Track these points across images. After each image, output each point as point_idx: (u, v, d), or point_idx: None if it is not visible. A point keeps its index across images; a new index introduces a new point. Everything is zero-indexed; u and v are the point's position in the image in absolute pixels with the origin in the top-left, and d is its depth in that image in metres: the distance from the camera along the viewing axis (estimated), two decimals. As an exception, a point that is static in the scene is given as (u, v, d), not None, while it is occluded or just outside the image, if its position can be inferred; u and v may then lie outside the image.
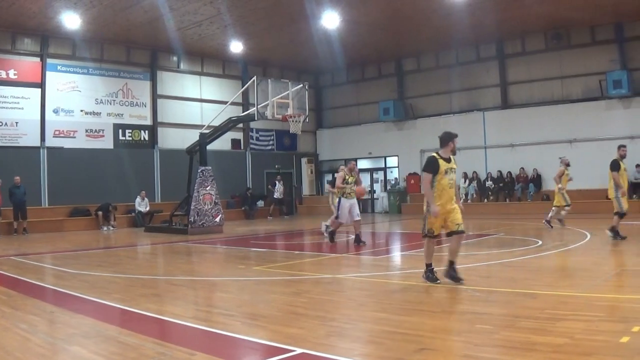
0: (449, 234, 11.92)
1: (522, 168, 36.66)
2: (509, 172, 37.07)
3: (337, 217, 20.67)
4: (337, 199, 20.69)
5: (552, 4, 30.20)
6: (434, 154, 12.11)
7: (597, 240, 19.40)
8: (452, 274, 11.54)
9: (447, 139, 12.32)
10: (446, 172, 11.77)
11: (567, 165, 23.51)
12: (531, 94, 37.47)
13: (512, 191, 36.60)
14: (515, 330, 7.92)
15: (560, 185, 23.01)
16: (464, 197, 37.13)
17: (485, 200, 37.27)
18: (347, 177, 20.52)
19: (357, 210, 20.44)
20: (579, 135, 34.71)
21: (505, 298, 10.35)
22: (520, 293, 10.25)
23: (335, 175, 21.86)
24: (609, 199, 19.47)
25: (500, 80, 38.61)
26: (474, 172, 38.08)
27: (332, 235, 21.30)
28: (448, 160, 12.00)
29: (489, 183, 37.40)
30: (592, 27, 34.97)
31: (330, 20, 30.47)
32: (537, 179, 35.66)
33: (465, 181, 37.73)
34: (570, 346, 7.01)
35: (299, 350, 7.09)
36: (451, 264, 11.63)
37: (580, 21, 33.78)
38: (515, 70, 38.32)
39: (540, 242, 18.89)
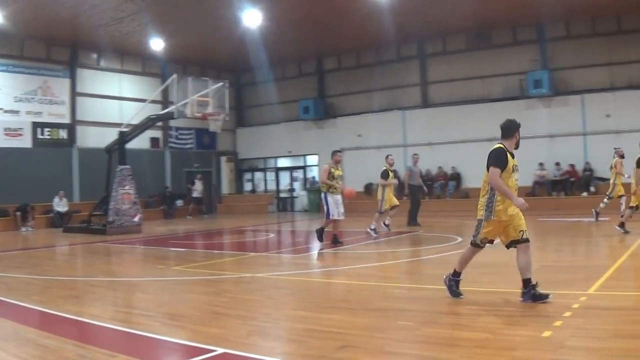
0: (510, 245, 9.71)
1: (440, 167, 37.03)
2: (428, 170, 37.31)
3: (327, 217, 19.04)
4: (323, 194, 19.01)
5: (473, 4, 30.47)
6: (501, 145, 9.99)
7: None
8: (534, 293, 9.07)
9: (512, 128, 10.29)
10: (513, 170, 9.78)
11: (622, 156, 23.08)
12: (451, 93, 37.84)
13: (432, 189, 36.81)
14: (438, 326, 8.00)
15: (627, 175, 22.71)
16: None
17: (405, 198, 37.43)
18: (332, 170, 18.85)
19: (342, 208, 19.11)
20: (498, 134, 34.94)
21: (426, 294, 10.40)
22: (441, 289, 10.26)
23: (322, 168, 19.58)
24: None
25: (420, 80, 38.87)
26: (394, 170, 38.06)
27: (320, 233, 19.16)
28: (512, 156, 9.92)
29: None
30: (514, 27, 35.50)
31: (252, 18, 30.28)
32: (457, 177, 35.99)
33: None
34: (493, 341, 7.10)
35: (220, 350, 7.01)
36: (528, 282, 9.19)
37: (501, 22, 34.22)
38: (435, 70, 38.65)
39: (460, 239, 19.01)
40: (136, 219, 27.71)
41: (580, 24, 34.02)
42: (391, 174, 21.99)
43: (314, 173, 43.20)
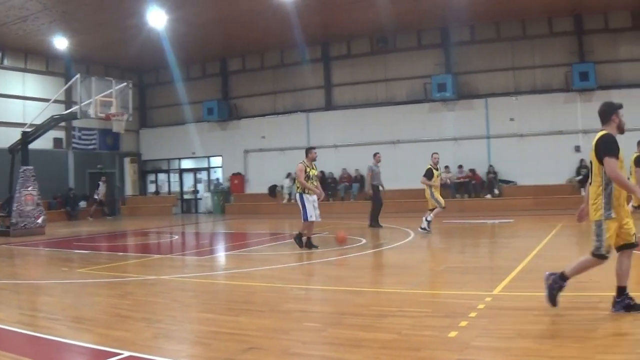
0: (620, 248, 8.35)
1: (345, 169, 37.18)
2: (331, 173, 37.49)
3: (305, 220, 17.54)
4: (299, 195, 17.75)
5: (377, 8, 30.67)
6: (608, 132, 8.54)
7: (421, 238, 19.88)
8: (629, 303, 8.18)
9: (608, 110, 8.71)
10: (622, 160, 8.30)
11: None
12: (355, 96, 38.15)
13: (336, 191, 36.95)
14: (343, 327, 8.04)
15: None
16: (287, 196, 37.41)
17: (368, 198, 37.57)
18: (308, 169, 17.79)
19: (319, 210, 17.99)
20: (402, 137, 35.54)
21: (331, 296, 10.46)
22: (346, 291, 10.35)
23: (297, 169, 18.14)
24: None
25: (324, 82, 39.07)
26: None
27: (304, 240, 17.66)
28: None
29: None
30: (419, 31, 36.00)
31: (157, 18, 30.03)
32: (360, 179, 36.19)
33: (289, 181, 37.90)
34: (399, 342, 7.17)
35: (126, 354, 6.94)
36: (623, 290, 8.27)
37: (406, 26, 34.57)
38: (340, 73, 38.94)
39: (364, 241, 19.19)
40: (39, 220, 27.19)
41: (485, 28, 34.74)
42: (436, 173, 21.51)
43: (217, 174, 43.10)
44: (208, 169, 44.28)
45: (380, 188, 24.81)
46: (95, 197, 40.02)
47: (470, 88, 35.70)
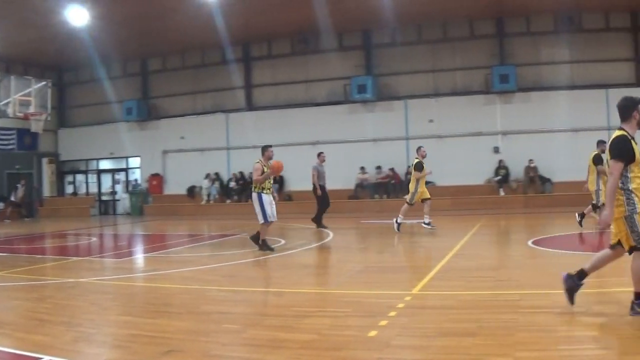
0: (631, 250, 7.70)
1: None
2: (251, 174, 37.37)
3: (264, 221, 16.78)
4: (256, 195, 16.89)
5: (299, 9, 30.75)
6: (622, 131, 8.00)
7: (340, 238, 19.95)
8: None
9: (628, 105, 8.15)
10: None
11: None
12: (276, 96, 38.11)
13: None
14: (263, 328, 8.05)
15: None
16: (206, 197, 37.29)
17: (229, 201, 37.42)
18: (265, 168, 16.98)
19: (275, 209, 17.28)
20: (322, 138, 35.58)
21: (250, 297, 10.45)
22: (265, 292, 10.38)
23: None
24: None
25: (245, 83, 38.95)
26: (217, 172, 38.27)
27: (263, 244, 16.86)
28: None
29: (232, 184, 37.53)
30: (340, 33, 36.07)
31: (77, 16, 29.59)
32: (280, 180, 36.15)
33: (208, 182, 37.74)
34: (319, 342, 7.20)
35: (46, 358, 6.83)
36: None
37: (327, 27, 34.54)
38: (260, 73, 38.85)
39: (283, 241, 19.16)
40: (-45, 221, 26.70)
41: (407, 30, 34.93)
42: (425, 166, 21.26)
43: (136, 175, 42.67)
44: (126, 170, 43.76)
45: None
46: (12, 199, 39.28)
47: (390, 90, 36.00)
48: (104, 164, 44.26)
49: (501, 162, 32.92)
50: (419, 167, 21.01)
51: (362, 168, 34.33)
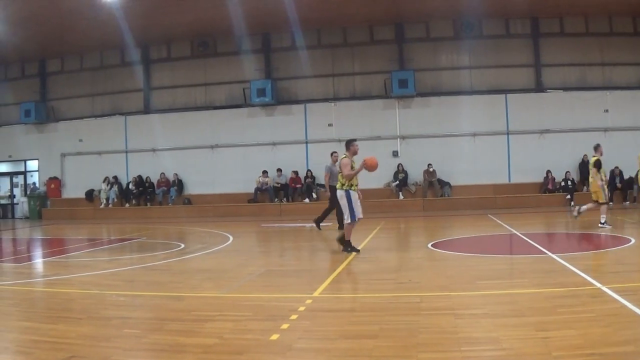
0: None
1: (163, 173, 36.73)
2: (148, 177, 37.03)
3: (351, 220, 15.63)
4: (344, 193, 15.67)
5: (197, 12, 30.59)
6: None
7: (240, 242, 19.88)
8: None
9: None
10: None
11: None
12: (174, 99, 37.81)
13: (154, 195, 36.54)
14: (164, 333, 7.89)
15: None
16: (105, 201, 36.78)
17: (127, 204, 36.97)
18: (353, 163, 15.78)
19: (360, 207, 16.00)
20: (221, 141, 35.48)
21: (151, 302, 10.25)
22: (165, 296, 10.20)
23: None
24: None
25: (144, 85, 38.51)
26: (115, 176, 37.67)
27: (348, 244, 15.74)
28: None
29: (131, 187, 37.06)
30: (240, 36, 35.95)
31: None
32: (179, 184, 35.92)
33: (106, 185, 37.22)
34: (221, 346, 7.12)
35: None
36: None
37: (227, 30, 34.45)
38: (159, 76, 38.46)
39: (182, 245, 19.00)
40: None
41: (306, 35, 34.98)
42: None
43: (34, 179, 41.71)
44: (24, 173, 42.78)
45: (323, 189, 24.04)
46: None
47: (289, 93, 36.09)
48: (2, 167, 43.16)
49: (400, 166, 33.25)
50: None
51: (265, 172, 34.26)
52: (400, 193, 33.28)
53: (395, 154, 33.82)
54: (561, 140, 33.39)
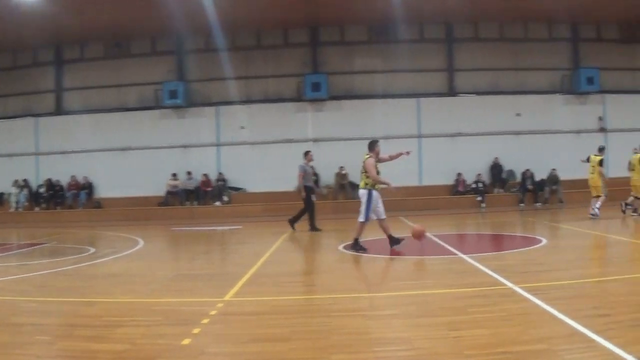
0: None
1: (74, 176, 36.18)
2: (58, 180, 36.47)
3: (365, 219, 16.14)
4: (367, 192, 16.09)
5: (111, 13, 30.33)
6: None
7: (151, 246, 19.80)
8: None
9: None
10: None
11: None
12: (87, 101, 37.19)
13: (64, 199, 35.98)
14: (74, 339, 7.80)
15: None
16: (15, 204, 36.11)
17: (37, 208, 36.36)
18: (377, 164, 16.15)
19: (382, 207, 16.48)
20: (133, 143, 35.20)
21: (61, 307, 10.13)
22: (75, 302, 10.10)
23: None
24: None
25: (55, 86, 37.86)
26: (25, 179, 36.94)
27: (355, 242, 16.11)
28: None
29: (41, 190, 36.46)
30: (153, 37, 35.77)
31: None
32: (89, 187, 35.50)
33: (16, 189, 36.55)
34: (132, 352, 7.06)
35: None
36: None
37: (140, 31, 34.22)
38: (72, 77, 37.82)
39: (93, 250, 18.80)
40: None
41: (219, 37, 34.75)
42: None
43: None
44: None
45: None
46: None
47: (202, 96, 35.97)
48: None
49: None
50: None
51: (174, 175, 34.10)
52: (312, 195, 33.39)
53: (306, 156, 34.00)
54: (473, 143, 34.03)
